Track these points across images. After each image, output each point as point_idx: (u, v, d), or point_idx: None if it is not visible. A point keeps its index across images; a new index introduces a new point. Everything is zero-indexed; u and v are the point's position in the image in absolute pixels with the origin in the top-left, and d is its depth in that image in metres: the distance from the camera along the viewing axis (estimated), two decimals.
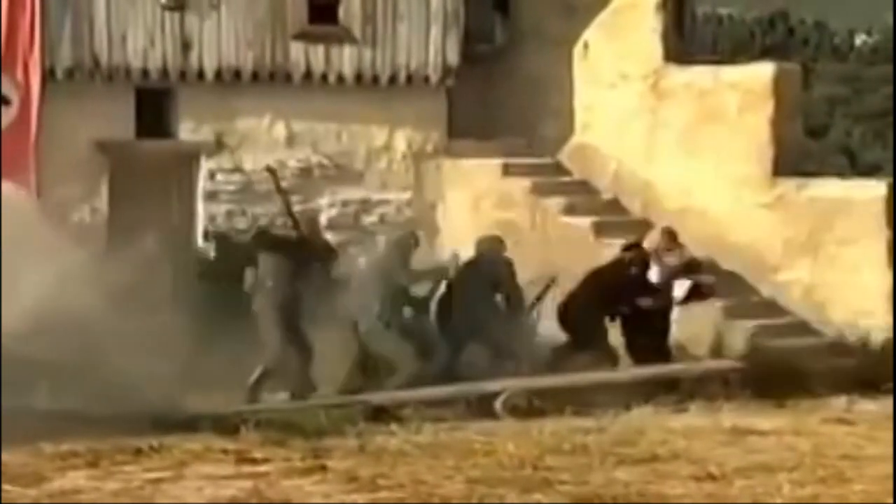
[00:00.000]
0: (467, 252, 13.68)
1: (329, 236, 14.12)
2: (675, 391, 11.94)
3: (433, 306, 12.33)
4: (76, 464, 9.67)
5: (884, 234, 13.41)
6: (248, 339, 11.83)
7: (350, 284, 12.43)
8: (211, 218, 14.09)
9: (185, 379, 11.08)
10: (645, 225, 14.33)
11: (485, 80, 14.89)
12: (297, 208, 14.10)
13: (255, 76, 14.17)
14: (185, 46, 13.95)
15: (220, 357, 11.35)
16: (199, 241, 14.00)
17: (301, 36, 14.23)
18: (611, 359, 12.43)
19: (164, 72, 13.93)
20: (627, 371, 12.39)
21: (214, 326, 11.79)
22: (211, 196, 14.16)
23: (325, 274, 12.30)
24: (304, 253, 12.17)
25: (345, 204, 14.49)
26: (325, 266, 12.31)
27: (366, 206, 14.52)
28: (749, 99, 13.97)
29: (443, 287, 12.43)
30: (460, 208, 14.52)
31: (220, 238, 13.48)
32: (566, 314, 12.49)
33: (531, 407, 11.68)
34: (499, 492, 8.83)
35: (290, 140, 14.40)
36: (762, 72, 14.13)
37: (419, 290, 12.24)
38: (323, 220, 14.31)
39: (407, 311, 12.17)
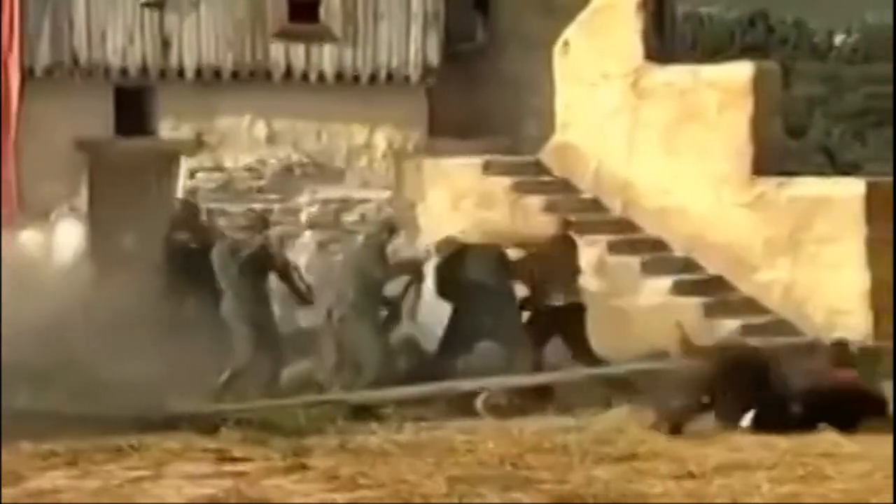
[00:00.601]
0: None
1: (309, 234, 14.15)
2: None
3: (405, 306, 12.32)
4: (55, 463, 9.64)
5: (863, 233, 13.44)
6: (218, 339, 11.80)
7: (327, 276, 12.46)
8: None
9: (162, 378, 11.06)
10: (625, 224, 14.36)
11: (465, 80, 14.89)
12: (277, 207, 14.15)
13: (235, 74, 14.15)
14: (165, 44, 13.92)
15: (191, 356, 11.31)
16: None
17: (281, 34, 14.21)
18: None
19: (144, 70, 13.90)
20: (608, 368, 12.40)
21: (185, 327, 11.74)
22: (191, 194, 14.12)
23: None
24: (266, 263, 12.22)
25: (325, 202, 14.48)
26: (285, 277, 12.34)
27: (346, 204, 14.52)
28: (729, 98, 13.99)
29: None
30: (441, 207, 14.52)
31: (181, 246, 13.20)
32: None
33: (512, 405, 11.68)
34: (479, 490, 8.82)
35: (271, 138, 14.38)
36: (742, 71, 14.15)
37: (392, 288, 12.22)
38: (303, 218, 14.32)
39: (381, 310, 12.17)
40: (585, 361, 12.24)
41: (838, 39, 30.72)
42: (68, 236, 13.11)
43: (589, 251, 13.57)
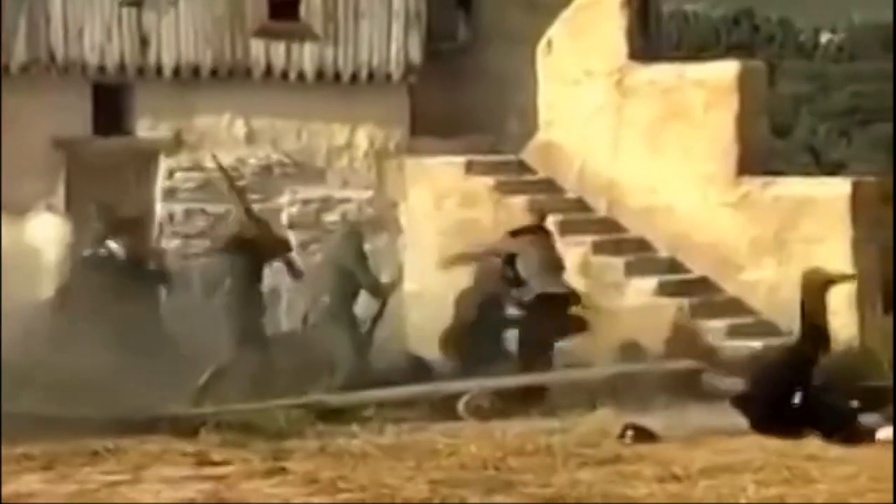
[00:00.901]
0: (432, 253, 13.77)
1: (290, 235, 14.11)
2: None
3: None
4: (30, 467, 9.60)
5: (849, 233, 13.47)
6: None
7: (305, 278, 12.46)
8: (170, 216, 14.03)
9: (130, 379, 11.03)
10: (609, 223, 14.36)
11: (448, 78, 14.86)
12: (257, 207, 14.10)
13: (214, 73, 14.11)
14: (143, 42, 13.87)
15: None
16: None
17: (261, 32, 14.17)
18: None
19: (122, 67, 13.84)
20: (590, 370, 12.41)
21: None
22: (169, 194, 14.08)
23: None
24: (262, 252, 12.20)
25: (305, 202, 14.44)
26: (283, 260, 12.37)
27: (327, 204, 14.48)
28: (714, 96, 14.00)
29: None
30: (423, 207, 14.50)
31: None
32: None
33: (494, 408, 11.67)
34: (461, 493, 8.81)
35: (250, 137, 14.34)
36: (727, 69, 14.17)
37: (362, 312, 12.25)
38: (283, 218, 14.28)
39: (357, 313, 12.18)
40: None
41: (824, 38, 30.82)
42: (46, 233, 13.05)
43: (573, 251, 13.57)
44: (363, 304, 12.43)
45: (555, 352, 12.49)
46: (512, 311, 12.59)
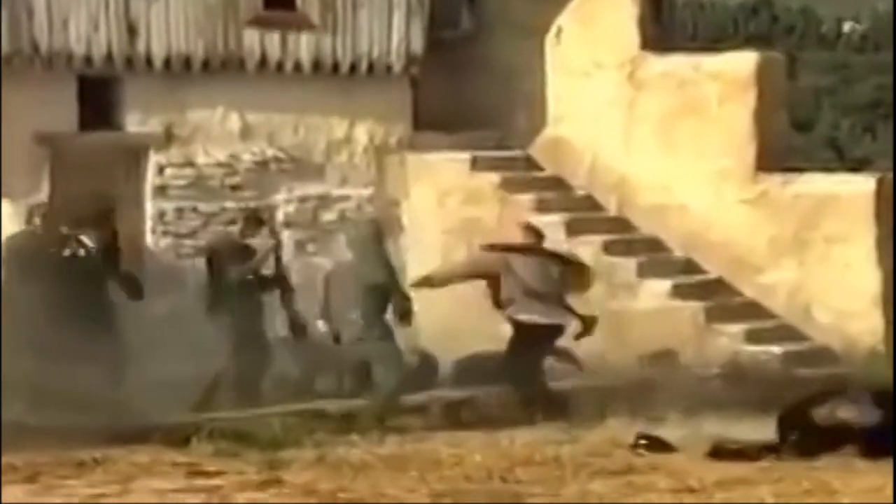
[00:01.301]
0: (435, 253, 13.79)
1: (287, 234, 14.13)
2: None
3: None
4: (13, 478, 9.62)
5: (873, 232, 13.48)
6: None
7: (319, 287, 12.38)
8: (160, 215, 14.04)
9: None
10: (621, 222, 14.37)
11: (451, 69, 14.88)
12: (252, 205, 14.12)
13: (206, 64, 14.11)
14: (132, 31, 13.87)
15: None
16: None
17: (256, 21, 14.18)
18: None
19: (109, 58, 13.85)
20: (601, 377, 12.42)
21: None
22: (160, 192, 14.10)
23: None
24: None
25: (302, 200, 14.46)
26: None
27: (325, 202, 14.50)
28: (731, 89, 14.02)
29: None
30: (425, 205, 14.52)
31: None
32: None
33: (501, 416, 11.69)
34: None
35: (245, 132, 14.35)
36: (745, 61, 14.19)
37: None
38: (279, 216, 14.30)
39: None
40: None
41: (847, 27, 30.77)
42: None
43: (582, 251, 13.58)
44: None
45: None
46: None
